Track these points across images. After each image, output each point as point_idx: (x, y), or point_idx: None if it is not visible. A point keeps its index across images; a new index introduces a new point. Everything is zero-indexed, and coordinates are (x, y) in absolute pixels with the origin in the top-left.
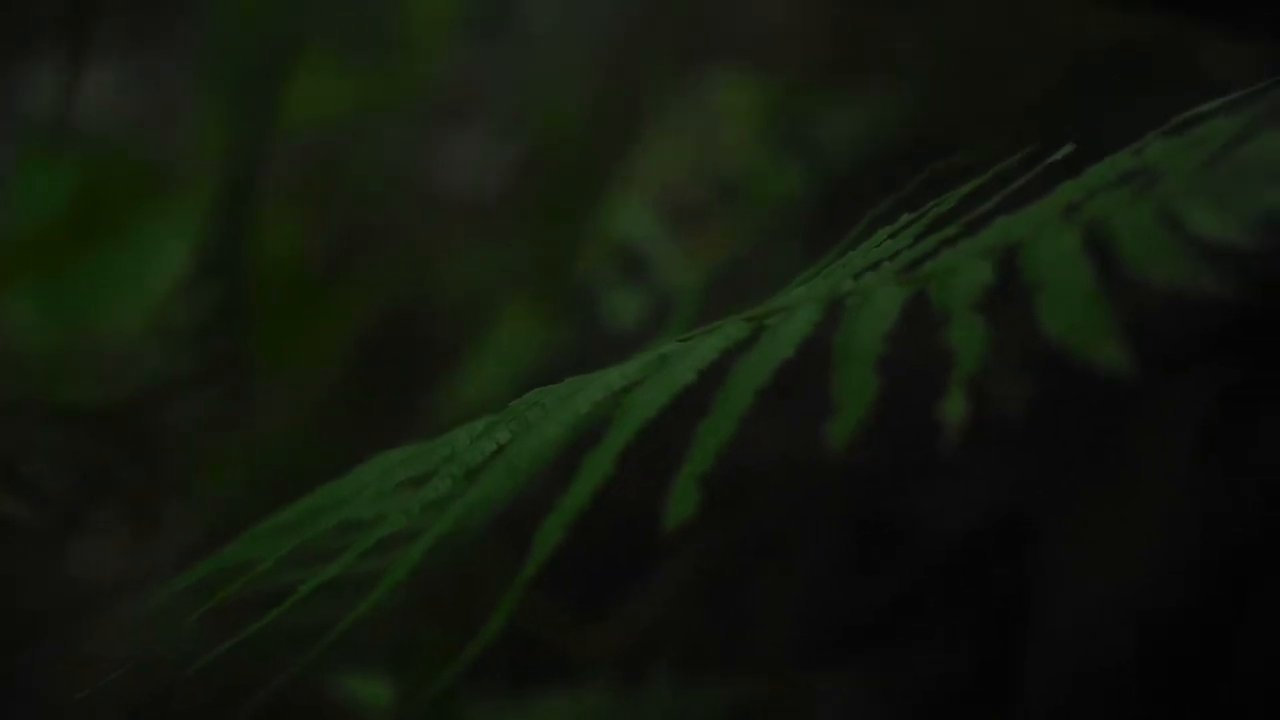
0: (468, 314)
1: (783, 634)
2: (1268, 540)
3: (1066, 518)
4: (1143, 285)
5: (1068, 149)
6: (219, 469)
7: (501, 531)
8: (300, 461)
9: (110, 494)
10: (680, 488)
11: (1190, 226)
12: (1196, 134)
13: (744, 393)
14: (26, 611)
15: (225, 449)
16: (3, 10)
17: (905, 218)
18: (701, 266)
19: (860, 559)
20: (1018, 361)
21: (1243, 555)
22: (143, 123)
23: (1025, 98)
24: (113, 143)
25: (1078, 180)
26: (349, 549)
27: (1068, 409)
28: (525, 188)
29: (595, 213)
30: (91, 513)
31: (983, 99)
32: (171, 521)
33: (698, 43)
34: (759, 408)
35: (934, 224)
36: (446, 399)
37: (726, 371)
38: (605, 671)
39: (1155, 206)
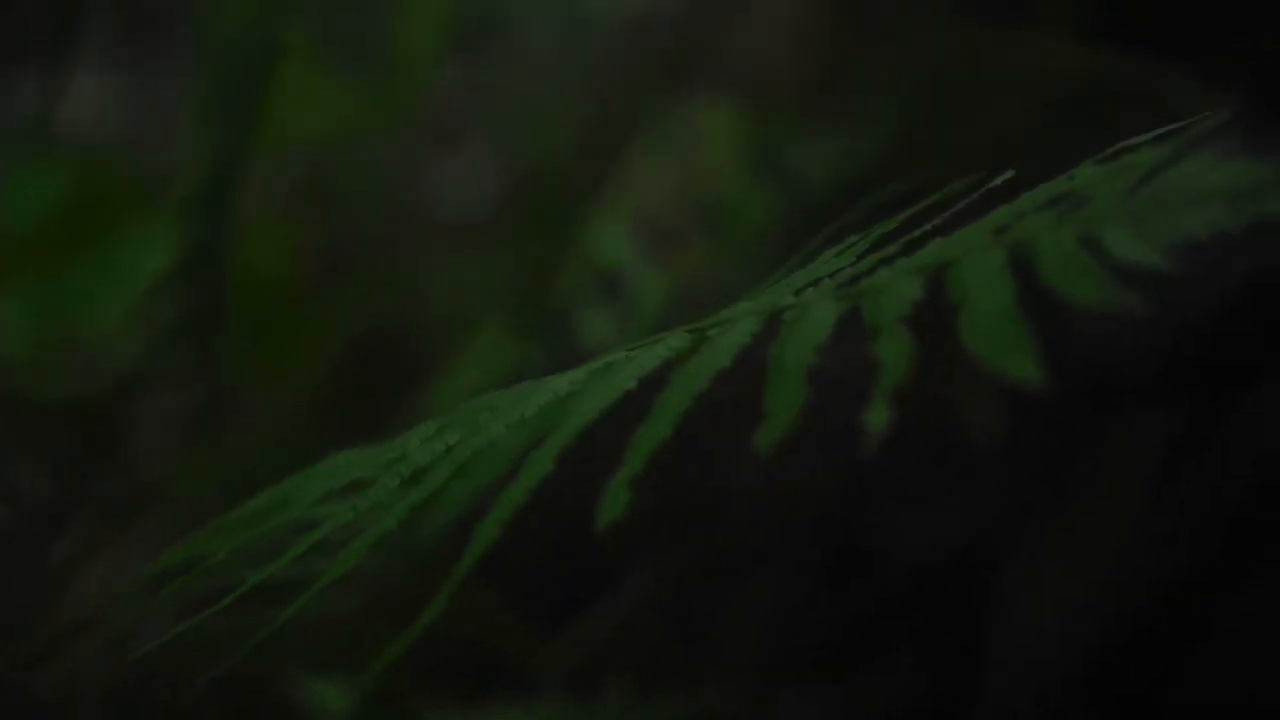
0: (444, 331)
1: (744, 650)
2: (1215, 572)
3: (1025, 547)
4: (1097, 316)
5: (1008, 175)
6: (194, 473)
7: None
8: (274, 469)
9: (85, 494)
10: (613, 490)
11: (1109, 249)
12: (1123, 162)
13: (681, 399)
14: (7, 610)
15: (200, 453)
16: None
17: (851, 239)
18: (674, 289)
19: (825, 579)
20: (990, 390)
21: (1191, 586)
22: (136, 131)
23: (993, 130)
24: (104, 150)
25: (1011, 204)
26: (291, 549)
27: (1031, 438)
28: (510, 209)
29: (574, 234)
30: (70, 513)
31: (953, 131)
32: (144, 523)
33: (684, 67)
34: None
35: (876, 244)
36: (417, 413)
37: (666, 379)
38: (561, 683)
39: (1078, 229)
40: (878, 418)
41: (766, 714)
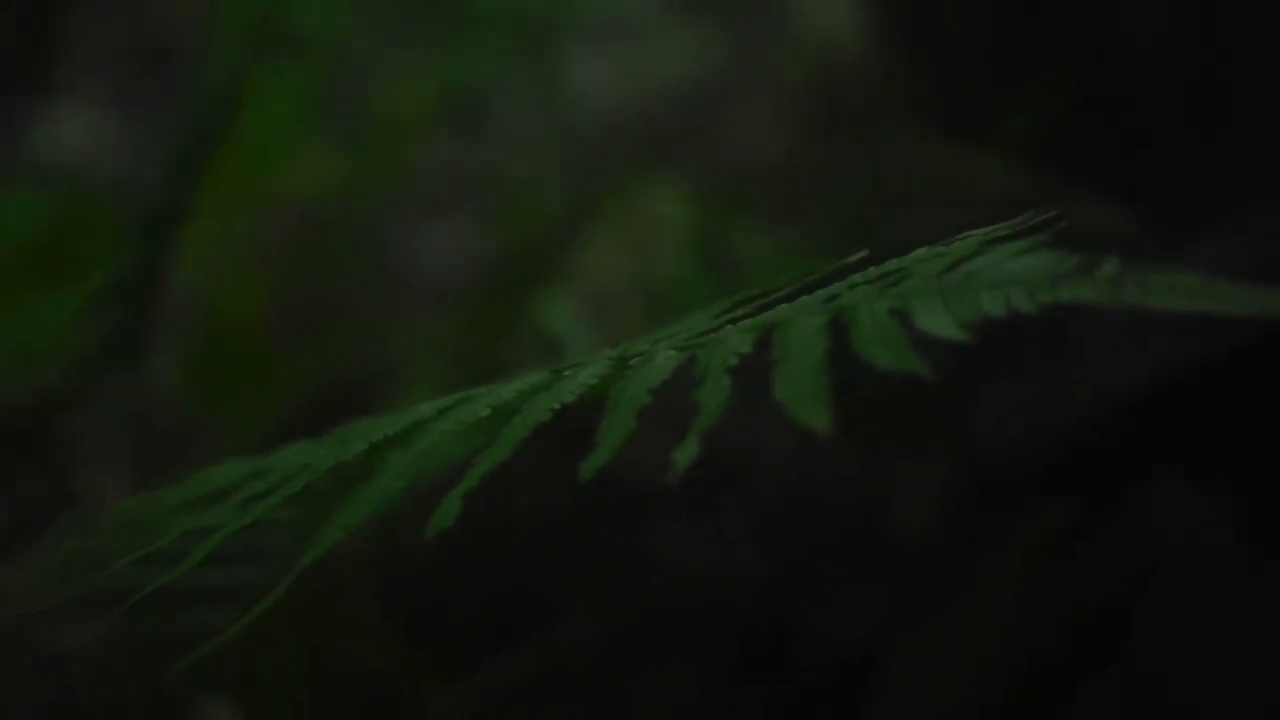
0: (394, 383)
1: None
2: (1072, 673)
3: (908, 645)
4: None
5: (862, 254)
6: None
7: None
8: None
9: (12, 496)
10: (448, 501)
11: (917, 320)
12: (948, 248)
13: (522, 428)
14: None
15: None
16: None
17: (719, 304)
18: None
19: (740, 667)
20: (936, 488)
21: (1049, 687)
22: (125, 167)
23: (908, 231)
24: (91, 182)
25: (850, 278)
26: (187, 558)
27: (938, 530)
28: (478, 277)
29: (530, 303)
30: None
31: (878, 229)
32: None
33: (652, 158)
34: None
35: (734, 307)
36: None
37: (519, 409)
38: None
39: (892, 302)
40: (684, 454)
41: None
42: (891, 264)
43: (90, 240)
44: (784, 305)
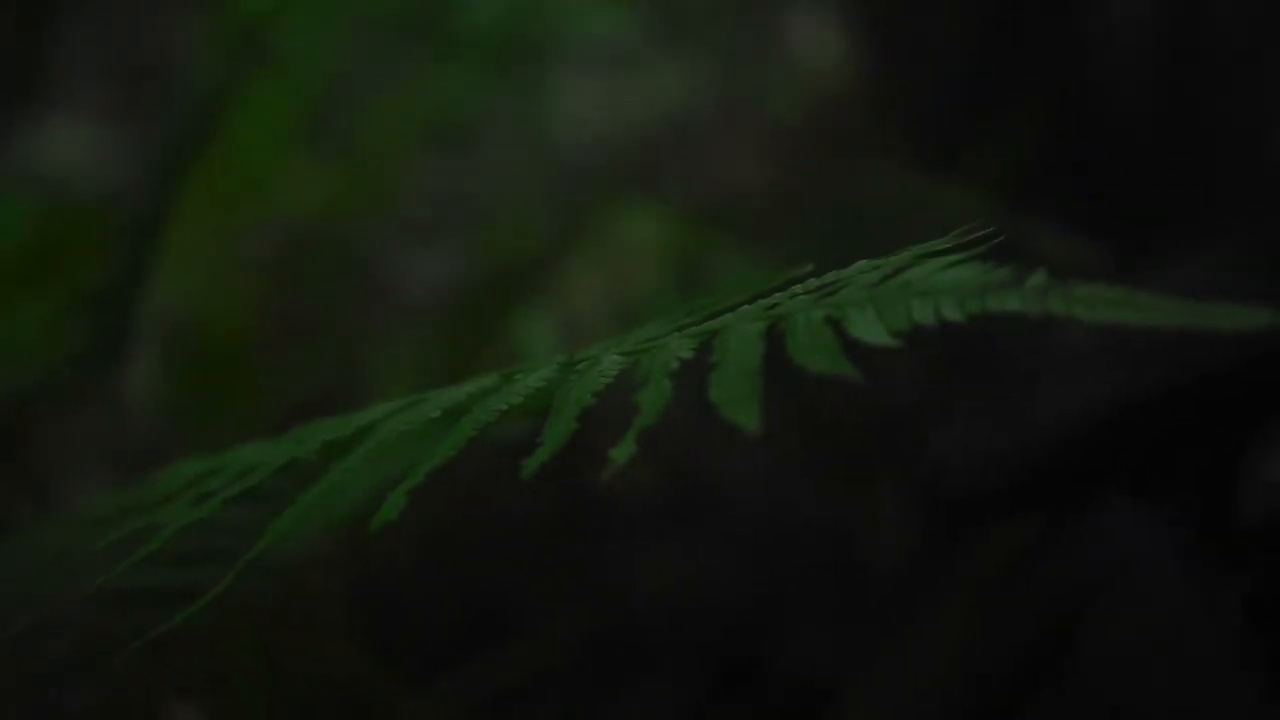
0: (372, 399)
1: None
2: (1022, 693)
3: (869, 668)
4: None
5: (807, 267)
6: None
7: (314, 569)
8: None
9: None
10: (393, 497)
11: (849, 328)
12: (886, 260)
13: (470, 428)
14: None
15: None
16: None
17: (672, 315)
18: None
19: (710, 685)
20: (901, 513)
21: (1001, 707)
22: (113, 179)
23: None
24: (78, 193)
25: (792, 289)
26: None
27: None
28: (460, 298)
29: (509, 322)
30: None
31: (838, 255)
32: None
33: (631, 185)
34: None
35: (685, 317)
36: None
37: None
38: None
39: (829, 310)
40: (622, 453)
41: None
42: (831, 275)
43: (75, 248)
44: (728, 314)
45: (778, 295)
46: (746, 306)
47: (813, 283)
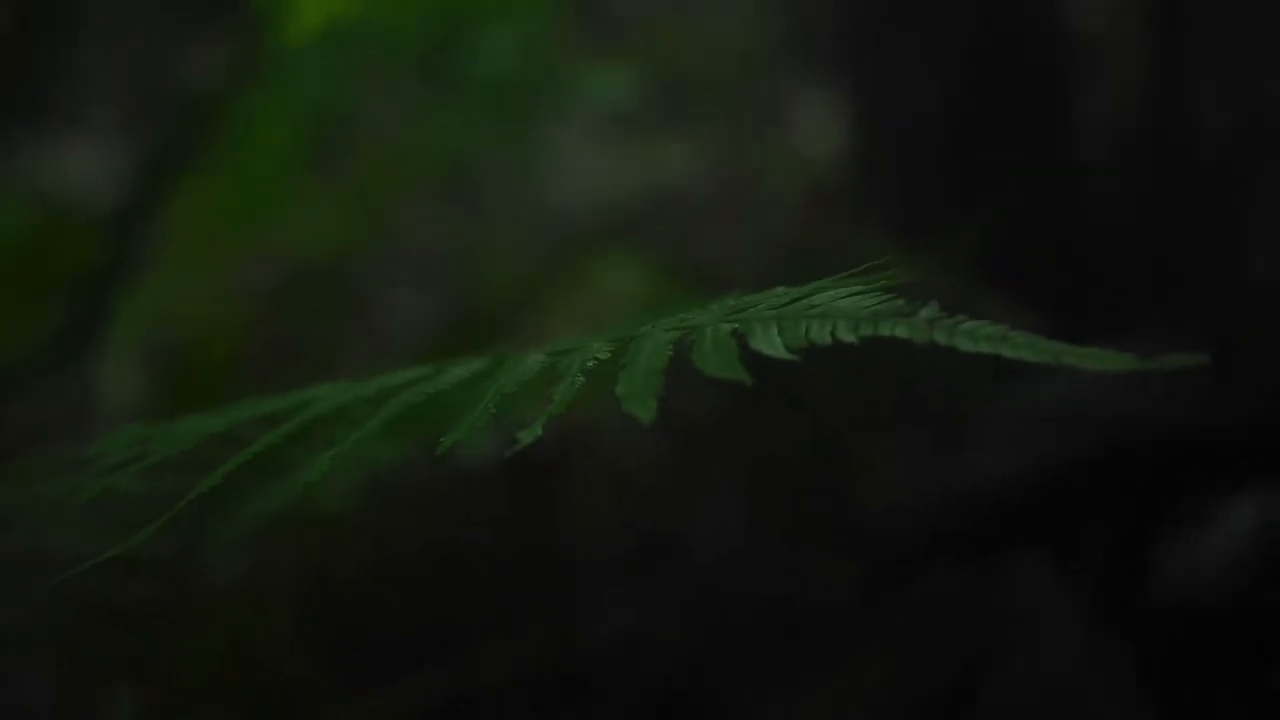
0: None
1: None
2: None
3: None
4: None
5: (739, 294)
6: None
7: (270, 570)
8: None
9: None
10: (318, 462)
11: (752, 342)
12: (796, 289)
13: (398, 408)
14: None
15: None
16: None
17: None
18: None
19: None
20: (842, 568)
21: None
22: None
23: None
24: (77, 204)
25: (710, 306)
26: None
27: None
28: (445, 336)
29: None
30: None
31: None
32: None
33: (613, 237)
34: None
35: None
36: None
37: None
38: None
39: (735, 326)
40: (528, 434)
41: None
42: (747, 298)
43: (62, 249)
44: (648, 326)
45: (694, 311)
46: (665, 319)
47: (728, 303)
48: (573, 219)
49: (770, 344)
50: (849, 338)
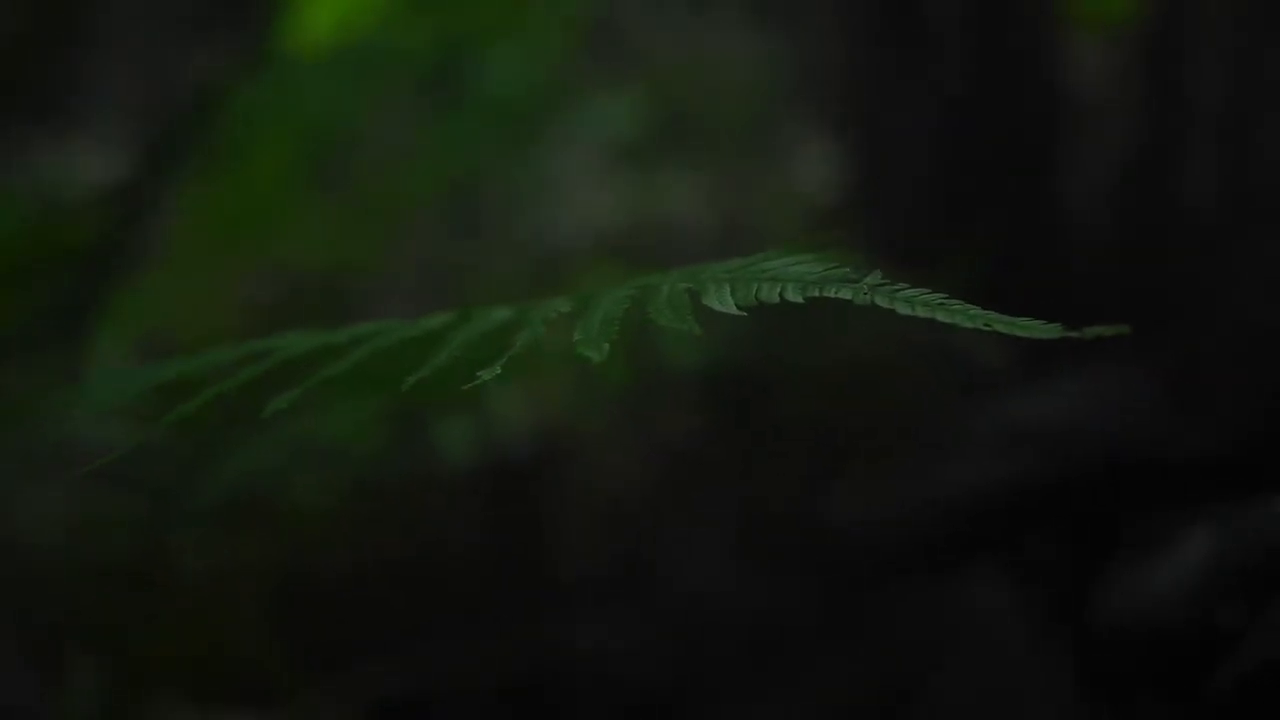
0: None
1: None
2: None
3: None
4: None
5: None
6: None
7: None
8: None
9: None
10: (279, 400)
11: (704, 299)
12: (752, 258)
13: (367, 352)
14: None
15: None
16: None
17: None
18: (533, 415)
19: None
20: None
21: None
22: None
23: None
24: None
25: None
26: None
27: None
28: None
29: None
30: None
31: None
32: None
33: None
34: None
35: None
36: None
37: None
38: None
39: (689, 285)
40: (489, 373)
41: None
42: (708, 266)
43: (60, 246)
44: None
45: (655, 274)
46: (636, 279)
47: (689, 270)
48: (570, 242)
49: (722, 301)
50: (796, 298)
